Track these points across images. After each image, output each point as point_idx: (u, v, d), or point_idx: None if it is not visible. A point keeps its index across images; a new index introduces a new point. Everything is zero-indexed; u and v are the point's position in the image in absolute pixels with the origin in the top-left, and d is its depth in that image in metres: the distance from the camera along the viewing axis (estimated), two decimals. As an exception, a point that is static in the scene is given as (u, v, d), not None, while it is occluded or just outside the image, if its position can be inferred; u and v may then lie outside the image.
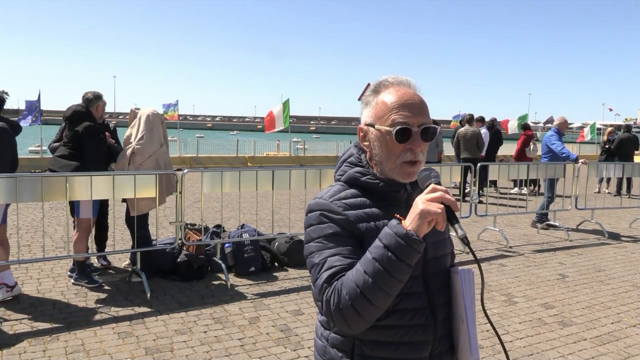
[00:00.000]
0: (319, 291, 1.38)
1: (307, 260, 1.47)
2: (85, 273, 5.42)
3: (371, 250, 1.34)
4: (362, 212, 1.46)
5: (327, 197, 1.49)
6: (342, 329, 1.42)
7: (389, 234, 1.32)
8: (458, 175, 8.32)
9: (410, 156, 1.46)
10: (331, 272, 1.37)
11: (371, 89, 1.55)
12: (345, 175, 1.55)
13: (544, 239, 8.21)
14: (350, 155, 1.59)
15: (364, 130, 1.54)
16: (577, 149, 27.52)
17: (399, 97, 1.48)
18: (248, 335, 4.33)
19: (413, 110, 1.46)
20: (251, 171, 6.17)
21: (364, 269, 1.32)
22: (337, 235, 1.43)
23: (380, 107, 1.49)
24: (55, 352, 3.91)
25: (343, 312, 1.33)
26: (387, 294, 1.32)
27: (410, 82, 1.54)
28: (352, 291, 1.31)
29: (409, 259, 1.30)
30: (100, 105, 5.59)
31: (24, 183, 4.79)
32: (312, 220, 1.48)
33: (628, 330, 4.62)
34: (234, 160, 20.51)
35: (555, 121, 9.21)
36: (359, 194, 1.50)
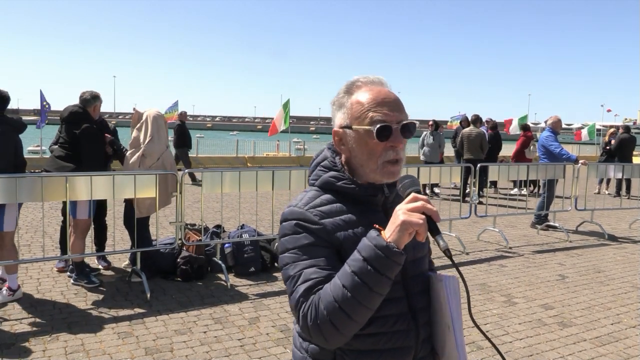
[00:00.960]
0: (295, 305, 1.33)
1: (282, 271, 1.41)
2: (84, 273, 5.41)
3: (350, 263, 1.28)
4: (339, 219, 1.41)
5: (302, 205, 1.42)
6: (319, 343, 1.37)
7: (369, 246, 1.26)
8: (458, 176, 8.32)
9: (392, 155, 1.42)
10: (308, 285, 1.31)
11: (343, 90, 1.50)
12: (319, 179, 1.49)
13: (543, 239, 8.21)
14: (324, 158, 1.53)
15: (339, 133, 1.48)
16: (576, 150, 27.55)
17: (374, 95, 1.44)
18: (248, 335, 4.33)
19: (391, 107, 1.43)
20: (251, 171, 6.18)
21: (342, 282, 1.27)
22: (313, 245, 1.37)
23: (356, 107, 1.44)
24: (55, 352, 3.91)
25: (321, 327, 1.28)
26: (366, 309, 1.27)
27: (382, 80, 1.51)
28: (330, 306, 1.26)
29: (390, 272, 1.26)
30: (98, 106, 5.57)
31: (24, 183, 4.78)
32: (287, 230, 1.41)
33: (628, 331, 4.62)
34: (233, 161, 20.51)
35: (549, 120, 9.15)
36: (334, 200, 1.44)
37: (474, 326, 1.41)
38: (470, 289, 5.64)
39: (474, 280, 5.96)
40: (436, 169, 7.87)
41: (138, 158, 5.47)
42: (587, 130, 22.78)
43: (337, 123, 1.49)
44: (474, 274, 6.21)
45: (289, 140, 25.22)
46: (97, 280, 5.44)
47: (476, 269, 6.42)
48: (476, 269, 6.42)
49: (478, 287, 5.74)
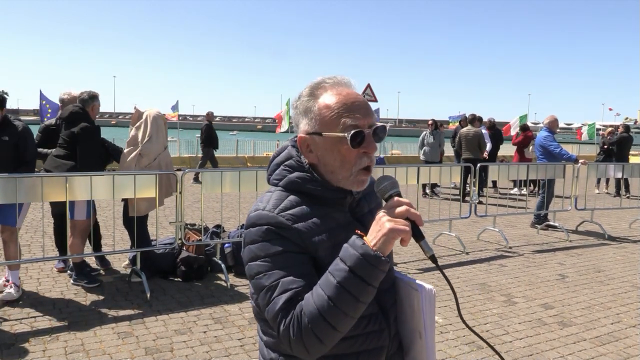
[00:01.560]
0: (273, 318, 1.26)
1: (252, 281, 1.32)
2: (84, 273, 5.41)
3: (334, 273, 1.22)
4: (311, 222, 1.34)
5: (271, 209, 1.34)
6: (299, 356, 1.29)
7: (354, 255, 1.20)
8: (458, 176, 8.32)
9: (366, 161, 1.35)
10: (287, 296, 1.24)
11: (307, 93, 1.40)
12: (284, 180, 1.40)
13: (543, 239, 8.21)
14: (288, 157, 1.43)
15: (307, 140, 1.39)
16: (576, 150, 27.55)
17: (343, 99, 1.36)
18: (248, 335, 4.33)
19: (361, 112, 1.35)
20: (251, 171, 6.17)
21: (327, 294, 1.21)
22: (288, 252, 1.29)
23: (325, 113, 1.35)
24: (55, 352, 3.91)
25: (304, 341, 1.22)
26: (351, 318, 1.23)
27: (349, 80, 1.42)
28: (314, 319, 1.20)
29: (376, 281, 1.22)
30: (96, 105, 5.56)
31: (24, 183, 4.79)
32: (256, 236, 1.32)
33: (628, 331, 4.62)
34: (233, 161, 20.52)
35: (545, 120, 9.14)
36: (300, 201, 1.36)
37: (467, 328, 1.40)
38: (470, 289, 5.64)
39: (474, 280, 5.96)
40: (436, 169, 7.87)
41: (135, 157, 5.46)
42: (587, 130, 22.74)
43: (303, 129, 1.40)
44: (474, 274, 6.21)
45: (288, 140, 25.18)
46: (98, 280, 5.44)
47: (476, 269, 6.43)
48: (476, 269, 6.43)
49: (478, 286, 5.74)
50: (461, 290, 5.59)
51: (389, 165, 11.25)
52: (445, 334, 4.42)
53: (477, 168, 8.19)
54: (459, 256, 7.00)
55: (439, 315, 4.79)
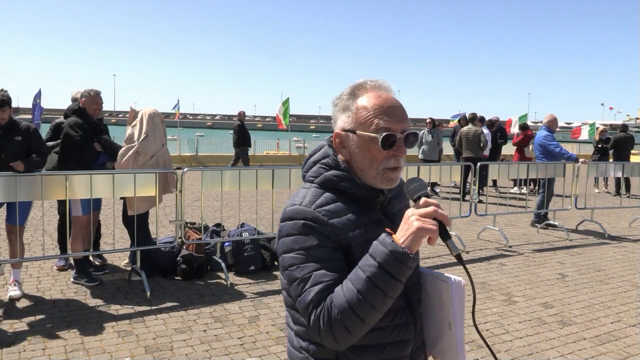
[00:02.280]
0: (305, 308, 1.33)
1: (285, 272, 1.39)
2: (84, 271, 5.41)
3: (364, 268, 1.29)
4: (346, 219, 1.40)
5: (308, 204, 1.40)
6: (328, 345, 1.36)
7: (384, 252, 1.27)
8: (458, 175, 8.31)
9: (393, 163, 1.42)
10: (319, 288, 1.31)
11: (348, 92, 1.47)
12: (320, 177, 1.46)
13: (543, 238, 8.21)
14: (325, 155, 1.50)
15: (341, 136, 1.46)
16: (576, 149, 27.53)
17: (381, 102, 1.42)
18: (248, 334, 4.33)
19: (396, 116, 1.41)
20: (251, 170, 6.17)
21: (356, 287, 1.27)
22: (322, 247, 1.36)
23: (362, 113, 1.42)
24: (55, 351, 3.91)
25: (334, 331, 1.29)
26: (379, 312, 1.30)
27: (389, 85, 1.49)
28: (344, 310, 1.27)
29: (404, 277, 1.28)
30: (86, 101, 5.46)
31: (24, 181, 4.79)
32: (292, 230, 1.39)
33: (628, 330, 4.62)
34: (233, 159, 20.46)
35: (544, 119, 9.12)
36: (336, 198, 1.43)
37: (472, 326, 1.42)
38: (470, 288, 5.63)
39: (474, 279, 5.96)
40: (436, 168, 7.86)
41: (132, 155, 5.45)
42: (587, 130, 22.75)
43: (340, 125, 1.47)
44: (474, 273, 6.21)
45: (289, 138, 25.22)
46: (98, 278, 5.44)
47: (476, 268, 6.42)
48: (476, 268, 6.42)
49: (478, 285, 5.74)
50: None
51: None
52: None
53: (477, 167, 8.18)
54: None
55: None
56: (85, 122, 5.38)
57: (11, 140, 4.78)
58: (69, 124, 5.35)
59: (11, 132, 4.79)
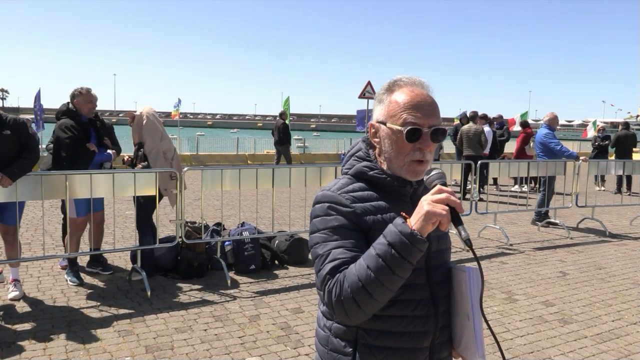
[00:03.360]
0: (321, 281, 1.42)
1: (311, 250, 1.51)
2: (72, 270, 5.43)
3: (375, 247, 1.37)
4: (370, 204, 1.50)
5: (335, 190, 1.52)
6: (341, 319, 1.45)
7: (394, 232, 1.35)
8: (459, 173, 8.31)
9: (418, 155, 1.50)
10: (334, 264, 1.40)
11: (385, 87, 1.58)
12: (353, 168, 1.58)
13: (544, 236, 8.21)
14: (358, 149, 1.62)
15: (375, 127, 1.57)
16: (576, 147, 27.53)
17: (411, 97, 1.51)
18: (248, 333, 4.33)
19: (424, 111, 1.50)
20: (251, 169, 6.17)
21: (367, 263, 1.35)
22: (343, 227, 1.46)
23: (393, 106, 1.52)
24: (55, 351, 3.91)
25: (344, 304, 1.37)
26: (387, 289, 1.35)
27: (424, 83, 1.57)
28: (354, 284, 1.35)
29: (412, 257, 1.34)
30: (80, 101, 5.41)
31: (24, 180, 4.78)
32: (319, 212, 1.51)
33: (629, 328, 4.62)
34: (234, 158, 20.50)
35: (545, 117, 9.10)
36: (366, 188, 1.54)
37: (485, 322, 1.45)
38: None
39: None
40: (436, 166, 7.85)
41: (162, 156, 5.57)
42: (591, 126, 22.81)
43: (375, 117, 1.58)
44: (475, 271, 6.20)
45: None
46: (77, 280, 5.37)
47: (477, 266, 6.41)
48: (477, 266, 6.41)
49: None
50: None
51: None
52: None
53: (478, 165, 8.18)
54: (460, 253, 6.99)
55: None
56: (76, 123, 5.35)
57: (0, 134, 4.59)
58: (59, 126, 5.34)
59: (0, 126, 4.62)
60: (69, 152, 5.25)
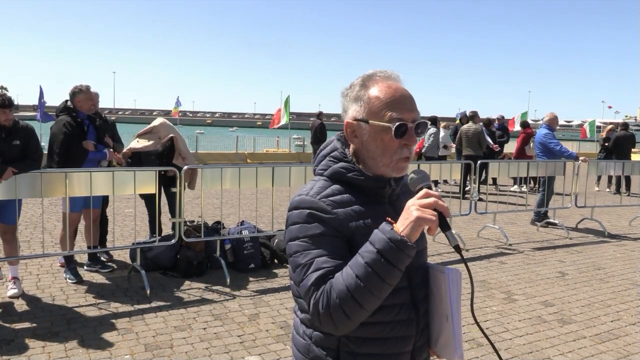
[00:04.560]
0: (306, 292, 1.36)
1: (290, 259, 1.43)
2: (69, 267, 5.43)
3: (363, 255, 1.32)
4: (351, 209, 1.44)
5: (314, 194, 1.44)
6: (328, 330, 1.39)
7: (383, 239, 1.30)
8: (458, 173, 8.30)
9: (406, 152, 1.46)
10: (319, 273, 1.34)
11: (359, 83, 1.51)
12: (329, 169, 1.51)
13: (543, 236, 8.21)
14: (334, 149, 1.54)
15: (353, 125, 1.49)
16: (576, 147, 27.53)
17: (392, 92, 1.46)
18: (248, 332, 4.33)
19: (407, 106, 1.46)
20: (251, 168, 6.17)
21: (355, 272, 1.30)
22: (325, 235, 1.39)
23: (374, 103, 1.45)
24: (54, 348, 3.91)
25: (332, 315, 1.32)
26: (377, 298, 1.32)
27: (398, 76, 1.52)
28: (342, 294, 1.30)
29: (402, 264, 1.31)
30: (81, 98, 5.41)
31: (24, 178, 4.78)
32: (298, 219, 1.43)
33: (628, 329, 4.62)
34: (233, 157, 20.48)
35: (545, 117, 9.09)
36: (343, 190, 1.47)
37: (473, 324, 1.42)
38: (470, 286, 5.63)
39: (474, 277, 5.91)
40: (436, 166, 7.86)
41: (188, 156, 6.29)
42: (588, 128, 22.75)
43: (352, 115, 1.50)
44: (474, 271, 6.21)
45: (288, 136, 25.22)
46: (75, 278, 5.37)
47: (476, 266, 6.42)
48: (476, 266, 6.42)
49: (478, 284, 5.74)
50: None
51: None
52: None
53: (477, 165, 8.17)
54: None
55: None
56: (73, 120, 5.36)
57: (10, 145, 4.66)
58: (56, 123, 5.38)
59: (11, 135, 4.67)
60: (63, 149, 5.26)
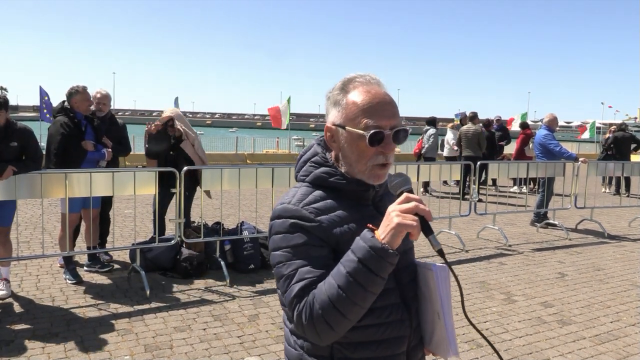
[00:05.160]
0: (289, 304, 1.33)
1: (274, 269, 1.40)
2: (68, 268, 5.43)
3: (344, 264, 1.29)
4: (334, 215, 1.41)
5: (296, 202, 1.41)
6: (312, 341, 1.38)
7: (363, 247, 1.27)
8: (458, 174, 8.31)
9: (382, 159, 1.42)
10: (302, 284, 1.31)
11: (339, 87, 1.48)
12: (310, 175, 1.48)
13: (543, 237, 8.21)
14: (314, 154, 1.51)
15: (332, 130, 1.47)
16: (576, 148, 27.54)
17: (370, 98, 1.42)
18: (247, 332, 4.33)
19: (385, 113, 1.41)
20: (251, 168, 6.17)
21: (337, 282, 1.27)
22: (308, 244, 1.36)
23: (351, 108, 1.42)
24: (54, 349, 3.90)
25: (315, 326, 1.29)
26: (360, 308, 1.29)
27: (380, 80, 1.48)
28: (324, 305, 1.27)
29: (384, 272, 1.27)
30: (78, 99, 5.40)
31: (24, 179, 4.78)
32: (280, 228, 1.40)
33: (627, 329, 4.62)
34: (233, 158, 20.48)
35: (545, 118, 9.09)
36: (326, 196, 1.44)
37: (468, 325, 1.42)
38: (470, 287, 5.64)
39: (474, 278, 5.96)
40: (436, 167, 7.86)
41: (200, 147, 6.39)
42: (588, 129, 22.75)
43: (331, 120, 1.48)
44: (474, 272, 6.21)
45: (288, 137, 25.22)
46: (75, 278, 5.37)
47: (476, 267, 6.42)
48: (476, 267, 6.42)
49: (477, 284, 5.74)
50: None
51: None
52: (444, 332, 4.41)
53: (477, 166, 8.18)
54: (459, 254, 6.99)
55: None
56: (70, 121, 5.36)
57: (7, 146, 4.62)
58: (53, 124, 5.39)
59: (7, 136, 4.63)
60: (60, 149, 5.27)
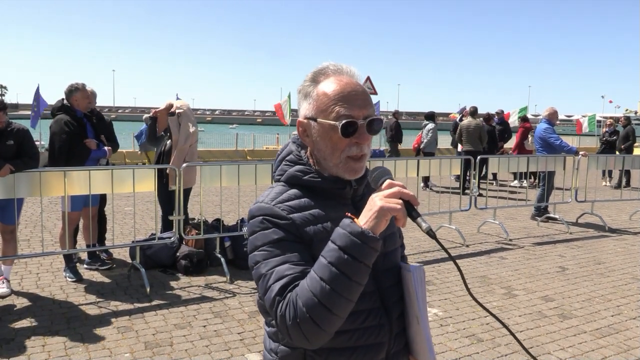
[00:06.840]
0: (270, 305, 1.25)
1: (253, 271, 1.33)
2: (68, 266, 5.43)
3: (325, 255, 1.22)
4: (308, 213, 1.35)
5: (269, 201, 1.36)
6: (300, 345, 1.28)
7: (343, 234, 1.21)
8: (458, 168, 8.29)
9: (355, 150, 1.36)
10: (282, 282, 1.24)
11: (309, 78, 1.42)
12: (285, 174, 1.43)
13: (543, 231, 8.20)
14: (289, 152, 1.46)
15: (304, 124, 1.41)
16: (576, 142, 27.49)
17: (341, 87, 1.36)
18: (248, 329, 4.32)
19: (357, 102, 1.35)
20: (250, 165, 6.16)
21: (319, 275, 1.20)
22: (284, 240, 1.30)
23: (322, 99, 1.37)
24: (54, 347, 3.91)
25: (301, 326, 1.20)
26: (347, 300, 1.21)
27: (352, 70, 1.43)
28: (309, 302, 1.19)
29: (367, 258, 1.20)
30: (78, 97, 5.40)
31: (23, 178, 4.77)
32: (255, 227, 1.35)
33: (628, 323, 4.62)
34: (233, 154, 20.49)
35: (544, 112, 9.07)
36: (301, 194, 1.38)
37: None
38: (471, 282, 5.63)
39: (474, 273, 5.96)
40: (435, 162, 7.85)
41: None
42: (587, 122, 22.69)
43: (302, 113, 1.42)
44: (474, 267, 6.21)
45: (288, 133, 25.16)
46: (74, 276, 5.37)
47: (476, 262, 6.42)
48: (476, 262, 6.42)
49: (478, 279, 5.73)
50: (461, 282, 5.58)
51: (389, 158, 11.22)
52: (445, 327, 4.42)
53: (477, 160, 8.16)
54: (459, 249, 6.99)
55: (439, 308, 4.79)
56: (72, 118, 5.34)
57: (3, 145, 4.64)
58: (56, 122, 5.36)
59: (4, 136, 4.66)
60: (66, 147, 5.26)
